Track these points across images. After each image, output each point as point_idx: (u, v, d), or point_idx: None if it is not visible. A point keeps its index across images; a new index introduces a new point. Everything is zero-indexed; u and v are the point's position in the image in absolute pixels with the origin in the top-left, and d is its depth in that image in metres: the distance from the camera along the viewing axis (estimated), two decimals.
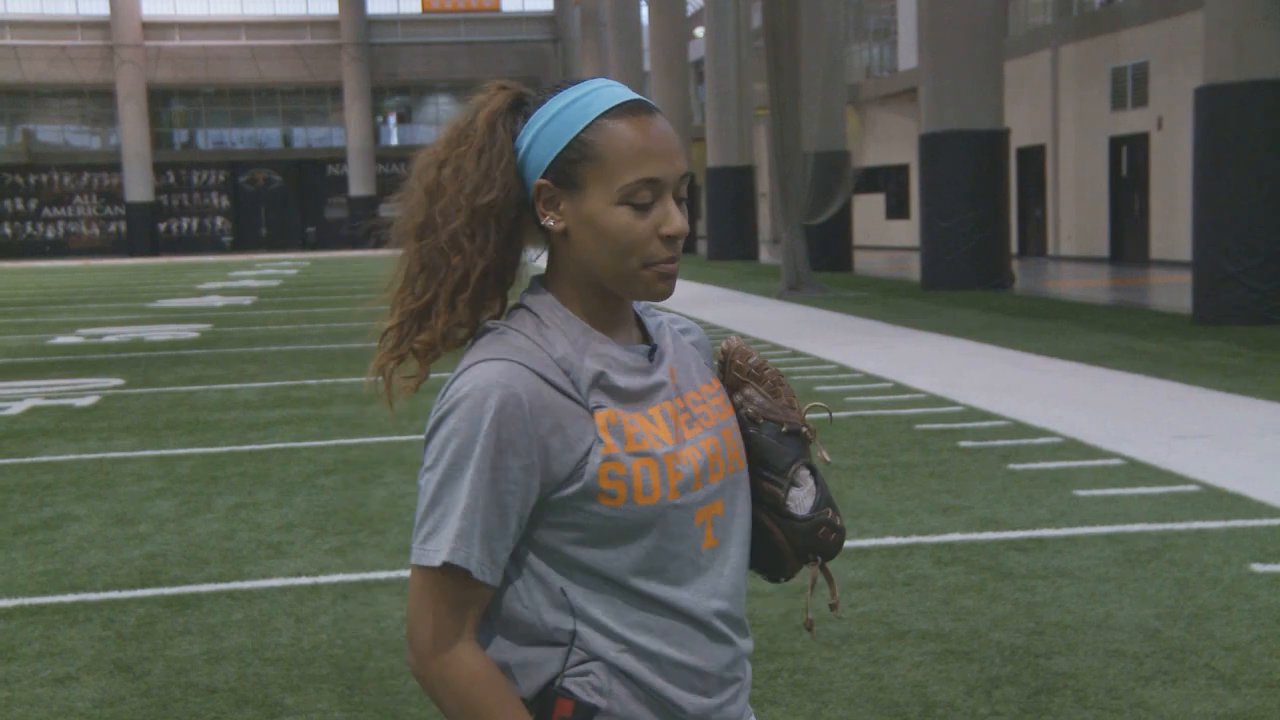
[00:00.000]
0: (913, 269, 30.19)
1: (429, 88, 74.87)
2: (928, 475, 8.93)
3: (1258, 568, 6.56)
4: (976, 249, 24.80)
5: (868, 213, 47.16)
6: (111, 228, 70.17)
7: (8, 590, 6.87)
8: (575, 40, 70.03)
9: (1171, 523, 7.46)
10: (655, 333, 2.07)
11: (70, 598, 6.69)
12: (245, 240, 71.61)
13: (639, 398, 1.96)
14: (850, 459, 9.47)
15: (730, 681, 2.02)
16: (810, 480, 2.09)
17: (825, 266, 30.26)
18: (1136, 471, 8.81)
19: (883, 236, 48.24)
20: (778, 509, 2.07)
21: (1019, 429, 10.45)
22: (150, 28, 68.96)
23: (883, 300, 23.67)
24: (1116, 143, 33.59)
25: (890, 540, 7.25)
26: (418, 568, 1.89)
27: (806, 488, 2.08)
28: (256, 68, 71.07)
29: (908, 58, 44.54)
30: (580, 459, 1.88)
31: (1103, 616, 5.89)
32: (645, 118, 1.93)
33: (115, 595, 6.72)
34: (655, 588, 1.93)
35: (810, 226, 27.88)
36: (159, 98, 70.34)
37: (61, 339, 21.52)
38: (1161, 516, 7.60)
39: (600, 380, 1.92)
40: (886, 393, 12.54)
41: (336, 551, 7.42)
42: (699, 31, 52.54)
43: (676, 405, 1.99)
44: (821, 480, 2.11)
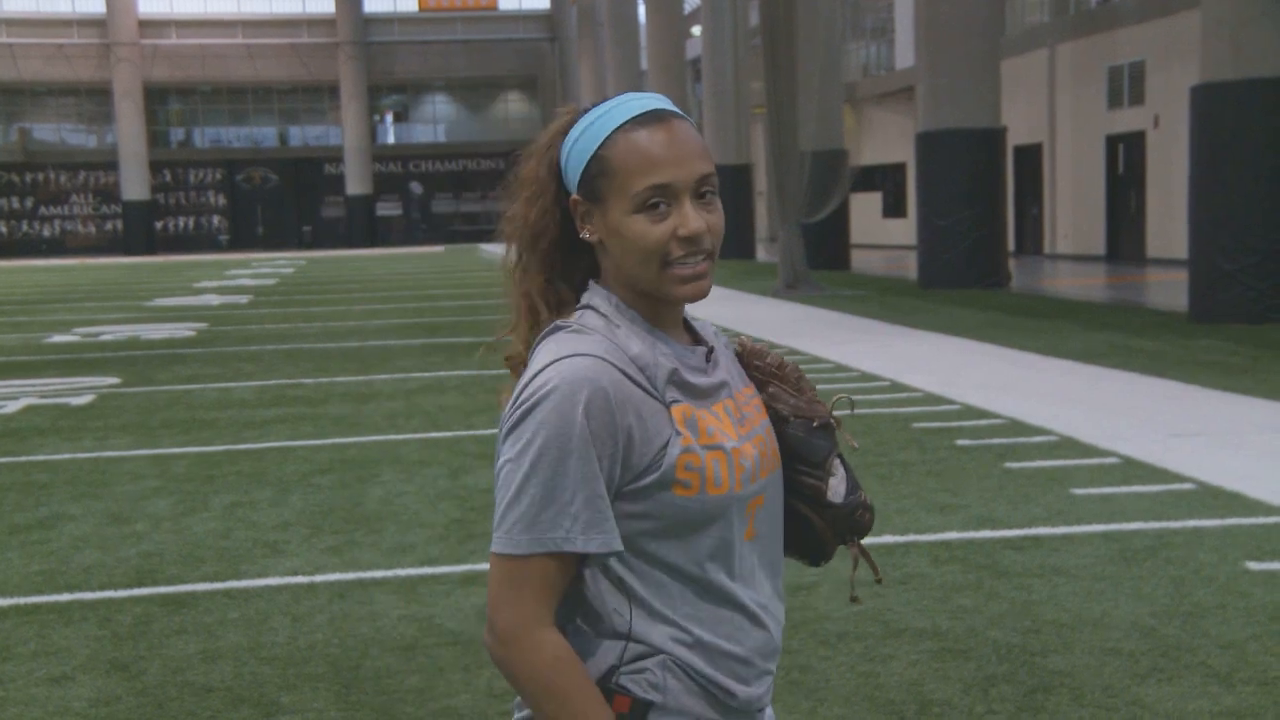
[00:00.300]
0: (910, 267, 30.19)
1: (426, 86, 74.89)
2: (924, 474, 8.93)
3: (1253, 566, 6.56)
4: (973, 247, 24.81)
5: (865, 211, 47.13)
6: (108, 226, 70.18)
7: (3, 589, 6.86)
8: (572, 39, 70.00)
9: (1167, 521, 7.47)
10: (706, 336, 2.16)
11: (66, 597, 6.69)
12: (242, 239, 71.61)
13: (706, 395, 2.05)
14: (848, 457, 9.44)
15: (765, 674, 2.09)
16: (841, 468, 2.20)
17: (822, 265, 30.25)
18: (1133, 470, 8.82)
19: (880, 235, 48.24)
20: (819, 500, 2.17)
21: (1016, 427, 10.45)
22: (147, 26, 68.93)
23: (880, 299, 23.68)
24: (1113, 141, 33.59)
25: (887, 538, 7.25)
26: (504, 555, 1.94)
27: (840, 475, 2.19)
28: (253, 66, 71.06)
29: (904, 56, 44.53)
30: (659, 451, 1.95)
31: (1099, 615, 5.89)
32: (657, 126, 2.00)
33: (111, 594, 6.71)
34: (714, 575, 2.01)
35: (807, 225, 27.88)
36: (155, 96, 70.34)
37: (57, 337, 21.50)
38: (1157, 515, 7.61)
39: (674, 377, 2.01)
40: (883, 391, 12.55)
41: (333, 550, 7.42)
42: (696, 30, 52.56)
43: (735, 404, 2.08)
44: (848, 465, 2.23)
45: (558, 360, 1.96)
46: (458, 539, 7.57)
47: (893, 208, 48.02)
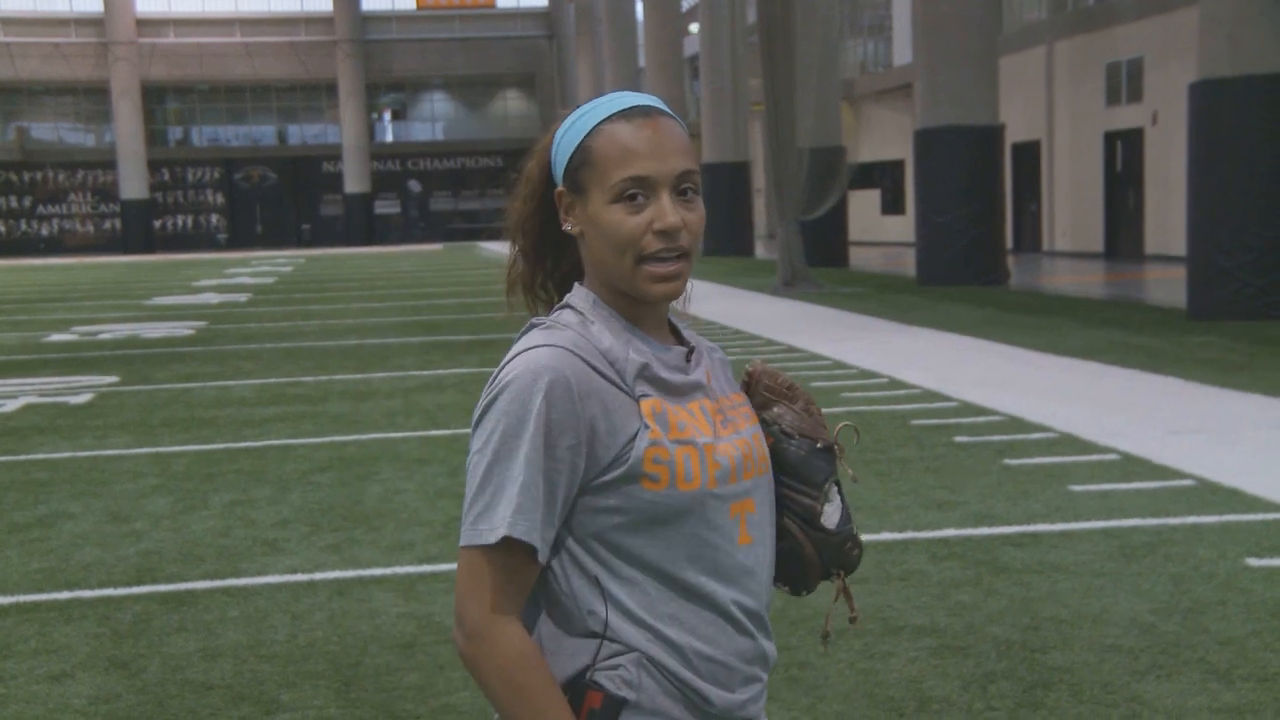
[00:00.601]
0: (908, 264, 30.19)
1: (424, 84, 74.87)
2: (923, 470, 8.93)
3: (1253, 562, 6.57)
4: (972, 244, 24.81)
5: (863, 208, 47.10)
6: (106, 225, 70.17)
7: (3, 588, 6.87)
8: (570, 36, 69.97)
9: (1167, 517, 7.47)
10: (690, 340, 2.16)
11: (65, 595, 6.69)
12: (240, 237, 71.59)
13: (680, 392, 2.04)
14: (846, 454, 9.44)
15: (752, 680, 2.07)
16: (838, 497, 2.19)
17: (821, 262, 30.23)
18: (1132, 466, 8.82)
19: (878, 232, 48.23)
20: (811, 522, 2.15)
21: (1014, 424, 10.46)
22: (144, 24, 68.91)
23: (878, 296, 23.68)
24: (1111, 138, 33.59)
25: (886, 535, 7.25)
26: (469, 548, 1.95)
27: (835, 504, 2.17)
28: (251, 64, 71.03)
29: (902, 53, 44.52)
30: (626, 443, 1.95)
31: (1098, 611, 5.89)
32: (642, 120, 2.02)
33: (111, 592, 6.72)
34: (692, 577, 1.99)
35: (806, 222, 27.88)
36: (153, 95, 70.33)
37: (56, 336, 21.51)
38: (1157, 511, 7.61)
39: (645, 371, 2.01)
40: (882, 388, 12.55)
41: (332, 548, 7.42)
42: (694, 27, 52.59)
43: (714, 405, 2.07)
44: (844, 496, 2.21)
45: (523, 353, 1.98)
46: (457, 537, 7.54)
47: (891, 205, 48.00)
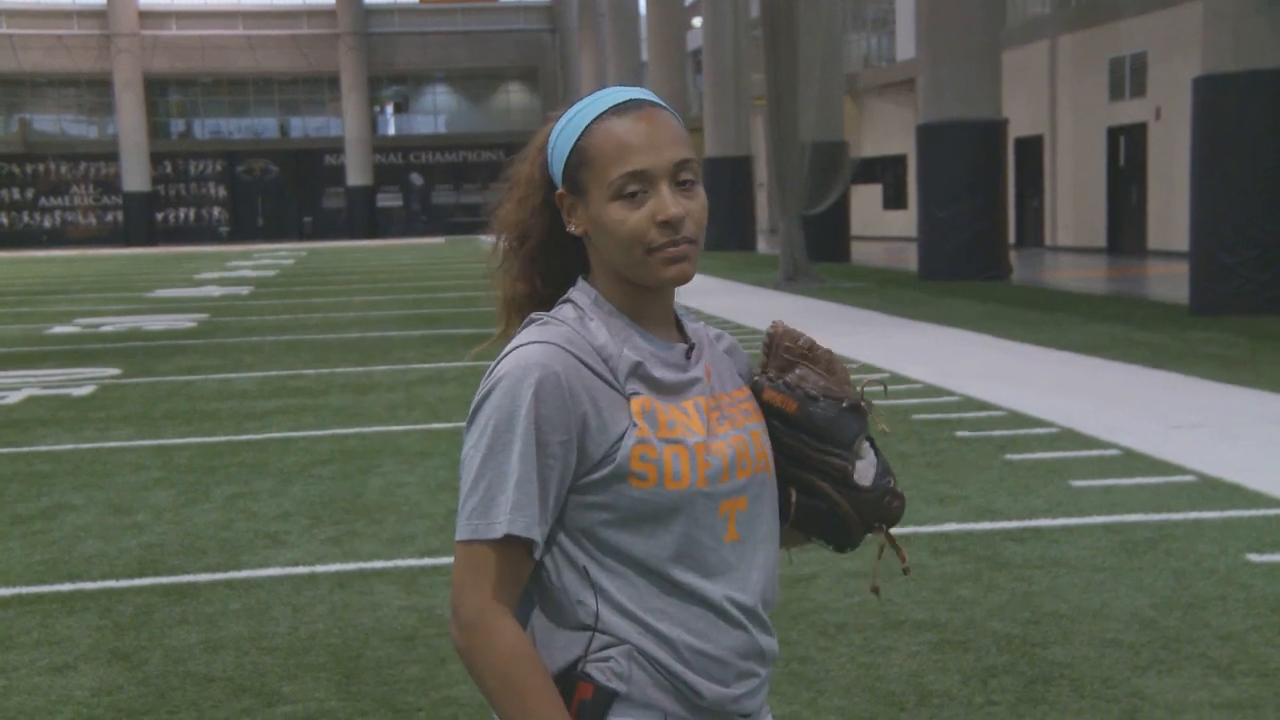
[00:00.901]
0: (910, 259, 30.18)
1: (426, 78, 74.85)
2: (924, 465, 8.94)
3: (1254, 557, 6.58)
4: (974, 239, 24.81)
5: (865, 203, 47.14)
6: (109, 217, 70.14)
7: (5, 579, 6.88)
8: (573, 30, 69.97)
9: (1168, 513, 7.48)
10: (693, 335, 2.14)
11: (68, 587, 6.71)
12: (242, 230, 71.58)
13: (674, 390, 2.03)
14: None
15: (747, 674, 2.06)
16: (871, 452, 2.18)
17: (823, 257, 30.23)
18: (1133, 462, 8.83)
19: (880, 227, 48.24)
20: (845, 481, 2.14)
21: (1016, 419, 10.46)
22: (147, 17, 68.88)
23: (880, 290, 23.68)
24: (1114, 133, 33.58)
25: None
26: (467, 542, 1.95)
27: (869, 459, 2.17)
28: (253, 57, 71.01)
29: (905, 48, 44.50)
30: (615, 441, 1.95)
31: (1099, 606, 5.90)
32: (634, 114, 2.01)
33: (113, 584, 6.73)
34: (681, 574, 1.99)
35: (808, 217, 27.87)
36: (156, 87, 70.30)
37: (59, 328, 21.52)
38: (1158, 506, 7.62)
39: (638, 370, 2.00)
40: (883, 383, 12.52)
41: (333, 541, 7.43)
42: (697, 21, 52.48)
43: (710, 402, 2.06)
44: (880, 451, 2.20)
45: (516, 349, 1.98)
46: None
47: (893, 199, 48.01)
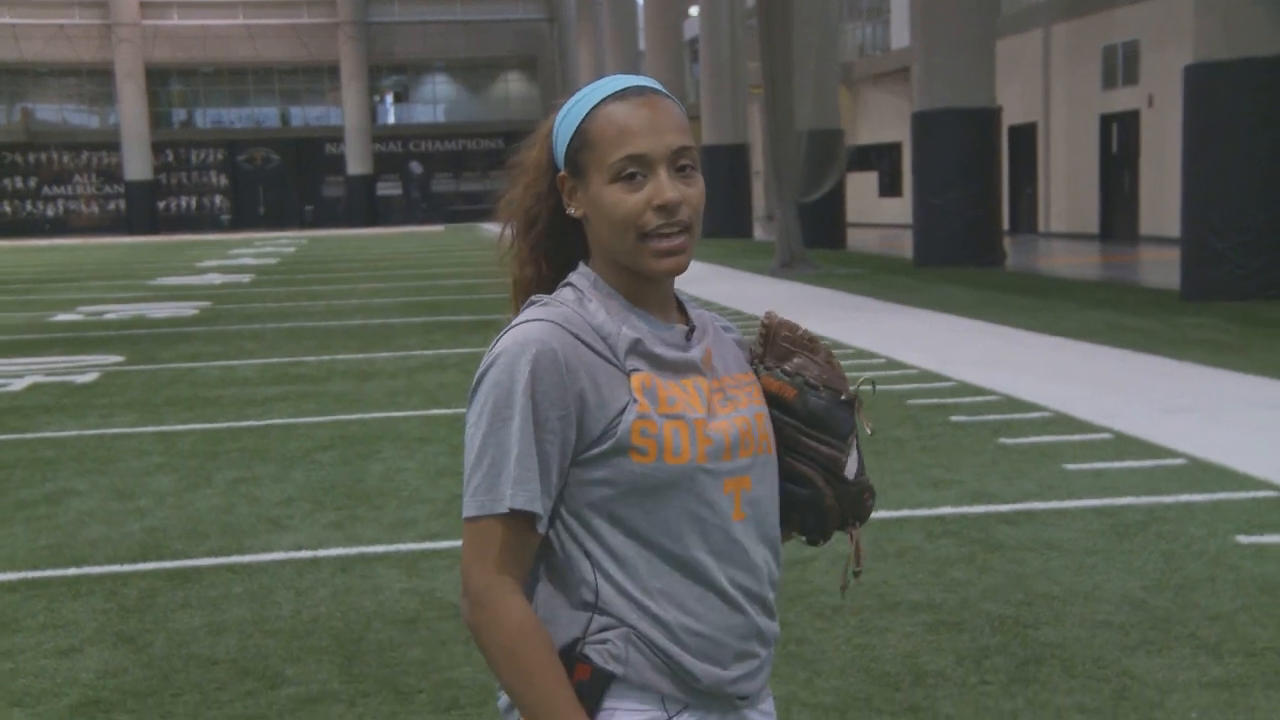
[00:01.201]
0: (905, 246, 30.18)
1: (426, 67, 74.74)
2: (919, 449, 9.01)
3: (1243, 539, 6.65)
4: (968, 226, 24.85)
5: (861, 190, 47.09)
6: (111, 206, 70.12)
7: (11, 564, 6.95)
8: (571, 19, 69.83)
9: (1159, 496, 7.55)
10: (697, 319, 2.17)
11: (72, 571, 6.77)
12: (243, 219, 71.52)
13: (674, 368, 2.05)
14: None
15: (746, 655, 2.07)
16: (855, 449, 2.21)
17: (818, 244, 30.25)
18: (1125, 445, 8.89)
19: (875, 214, 48.24)
20: (835, 472, 2.17)
21: (1010, 404, 10.53)
22: (148, 7, 68.76)
23: (875, 277, 23.72)
24: (1107, 120, 33.60)
25: (882, 513, 7.31)
26: (473, 518, 1.99)
27: (853, 455, 2.20)
28: (254, 47, 70.91)
29: (900, 36, 44.48)
30: (614, 416, 1.98)
31: (1090, 588, 5.97)
32: (636, 99, 2.04)
33: (117, 569, 6.80)
34: (682, 550, 2.01)
35: (804, 204, 27.90)
36: (157, 77, 70.19)
37: (62, 316, 21.56)
38: (1149, 490, 7.69)
39: (637, 346, 2.03)
40: (879, 369, 12.61)
41: (335, 525, 7.50)
42: (693, 10, 52.48)
43: (712, 384, 2.08)
44: (860, 449, 2.23)
45: (513, 327, 2.02)
46: (458, 514, 7.58)
47: (888, 187, 48.01)
